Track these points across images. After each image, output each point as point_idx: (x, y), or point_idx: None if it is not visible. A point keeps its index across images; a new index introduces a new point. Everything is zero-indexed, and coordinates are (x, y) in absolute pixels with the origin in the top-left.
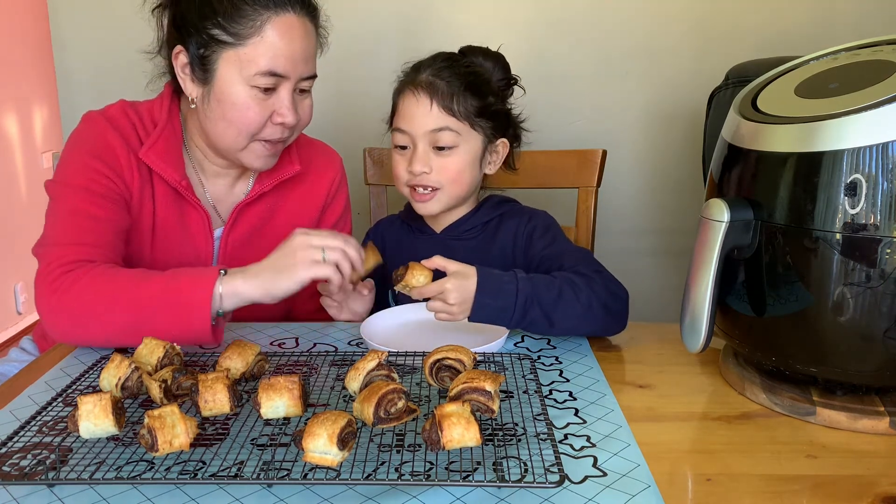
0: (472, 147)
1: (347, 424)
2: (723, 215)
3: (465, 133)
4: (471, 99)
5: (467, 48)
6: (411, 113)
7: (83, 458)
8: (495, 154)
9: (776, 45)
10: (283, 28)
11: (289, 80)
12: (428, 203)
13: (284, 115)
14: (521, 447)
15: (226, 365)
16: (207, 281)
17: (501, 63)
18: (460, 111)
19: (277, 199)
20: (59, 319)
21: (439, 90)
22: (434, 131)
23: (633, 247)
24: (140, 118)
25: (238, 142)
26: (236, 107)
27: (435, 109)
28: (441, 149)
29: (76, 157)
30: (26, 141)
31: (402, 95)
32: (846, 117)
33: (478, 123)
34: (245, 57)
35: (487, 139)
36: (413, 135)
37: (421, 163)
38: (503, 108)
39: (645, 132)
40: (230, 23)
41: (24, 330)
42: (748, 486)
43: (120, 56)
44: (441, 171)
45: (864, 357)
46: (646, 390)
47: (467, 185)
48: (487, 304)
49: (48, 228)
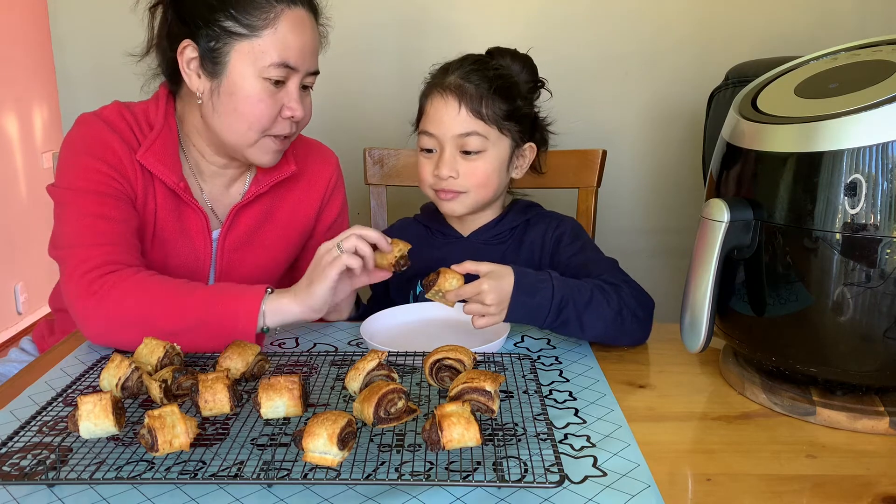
0: (500, 152)
1: (347, 424)
2: (723, 215)
3: (493, 137)
4: (499, 102)
5: (495, 49)
6: (439, 116)
7: (83, 458)
8: (522, 158)
9: (776, 45)
10: (295, 21)
11: (298, 73)
12: (453, 202)
13: (294, 108)
14: (521, 447)
15: (226, 365)
16: (254, 297)
17: (529, 65)
18: (489, 115)
19: (274, 200)
20: (96, 322)
21: (468, 93)
22: (462, 135)
23: (633, 247)
24: (136, 119)
25: (248, 136)
26: (248, 100)
27: (463, 113)
28: (468, 153)
29: (77, 159)
30: (26, 141)
31: (430, 98)
32: (846, 117)
33: (506, 127)
34: (259, 48)
35: (515, 143)
36: (441, 138)
37: (448, 167)
38: (531, 112)
39: (645, 132)
40: (244, 15)
41: (24, 330)
42: (748, 486)
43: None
44: (468, 177)
45: (864, 357)
46: (646, 390)
47: (493, 190)
48: (524, 302)
49: (62, 232)
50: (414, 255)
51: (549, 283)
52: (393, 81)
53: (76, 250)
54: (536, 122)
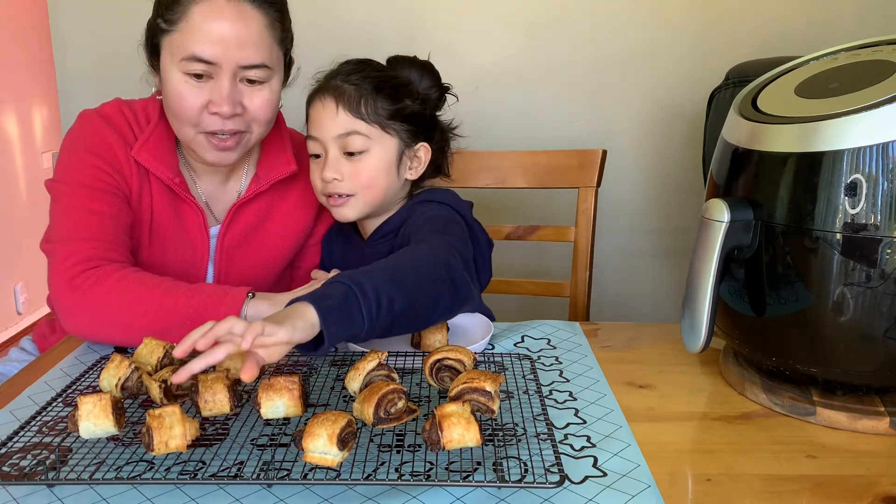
0: (386, 151)
1: (347, 424)
2: (723, 215)
3: (375, 137)
4: (382, 101)
5: (394, 59)
6: (319, 118)
7: (83, 458)
8: (416, 160)
9: (776, 45)
10: (208, 12)
11: (221, 67)
12: (343, 208)
13: (219, 104)
14: (521, 447)
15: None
16: (236, 298)
17: (429, 71)
18: (369, 114)
19: (274, 199)
20: (78, 317)
21: (346, 94)
22: (342, 136)
23: (633, 247)
24: (135, 116)
25: (182, 132)
26: (172, 94)
27: (341, 113)
28: (352, 154)
29: (74, 155)
30: (26, 141)
31: (312, 103)
32: (846, 117)
33: (391, 126)
34: (175, 42)
35: (404, 143)
36: (323, 140)
37: (332, 169)
38: (423, 112)
39: (645, 132)
40: (167, 10)
41: (24, 330)
42: (748, 486)
43: (120, 55)
44: (353, 178)
45: (864, 357)
46: (646, 390)
47: (382, 191)
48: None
49: (54, 225)
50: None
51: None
52: None
53: (64, 244)
54: (434, 123)
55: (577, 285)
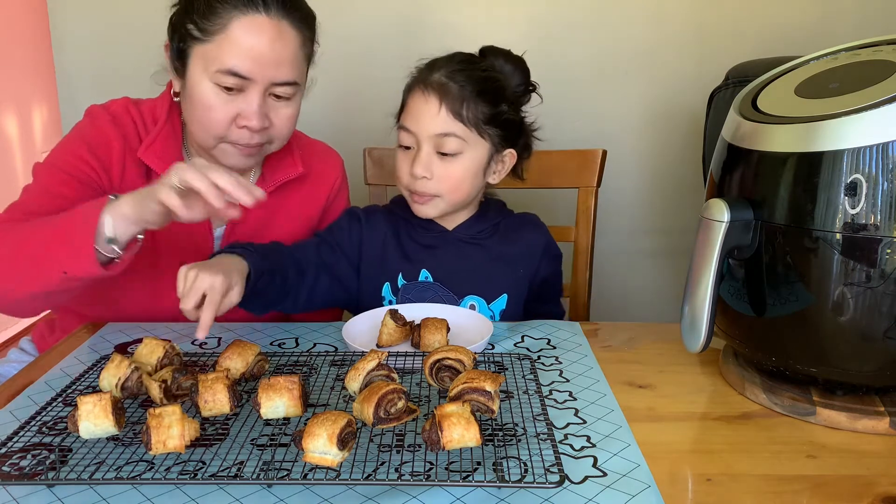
0: (478, 155)
1: (347, 424)
2: (723, 215)
3: (471, 140)
4: (482, 105)
5: (488, 49)
6: (418, 113)
7: (83, 458)
8: (501, 164)
9: (776, 45)
10: (249, 28)
11: (255, 82)
12: (426, 206)
13: (249, 118)
14: (521, 447)
15: (226, 365)
16: (96, 206)
17: (522, 67)
18: (469, 117)
19: (279, 201)
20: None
21: (450, 93)
22: (439, 136)
23: (633, 247)
24: (142, 116)
25: (205, 140)
26: (201, 104)
27: (443, 113)
28: (445, 154)
29: (69, 144)
30: (26, 141)
31: (412, 93)
32: (846, 117)
33: (486, 131)
34: (210, 54)
35: (495, 148)
36: (418, 136)
37: (423, 166)
38: (516, 118)
39: (645, 132)
40: (201, 19)
41: (24, 330)
42: (748, 486)
43: (120, 56)
44: (442, 180)
45: (864, 357)
46: (646, 390)
47: (465, 194)
48: None
49: (18, 201)
50: (390, 247)
51: None
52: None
53: (8, 214)
54: (522, 127)
55: (577, 285)
